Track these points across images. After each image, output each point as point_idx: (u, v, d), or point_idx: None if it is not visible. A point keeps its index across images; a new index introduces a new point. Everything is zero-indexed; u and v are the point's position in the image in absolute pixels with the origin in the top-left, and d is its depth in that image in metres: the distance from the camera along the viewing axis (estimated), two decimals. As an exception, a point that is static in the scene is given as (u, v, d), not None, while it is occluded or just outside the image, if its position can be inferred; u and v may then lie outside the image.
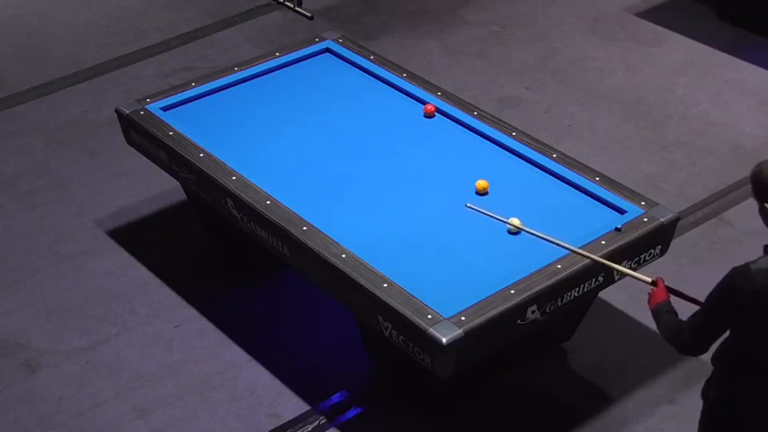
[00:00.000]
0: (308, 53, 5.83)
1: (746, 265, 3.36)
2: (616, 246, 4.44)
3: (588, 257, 4.11)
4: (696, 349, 3.52)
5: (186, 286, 5.51)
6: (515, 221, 4.54)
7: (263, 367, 5.04)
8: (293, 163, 5.05)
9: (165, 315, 5.35)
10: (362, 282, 4.28)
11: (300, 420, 4.78)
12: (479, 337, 4.09)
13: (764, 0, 7.46)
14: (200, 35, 7.70)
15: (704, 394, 3.71)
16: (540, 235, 4.23)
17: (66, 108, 6.95)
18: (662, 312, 3.65)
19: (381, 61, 5.75)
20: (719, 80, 7.12)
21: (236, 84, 5.61)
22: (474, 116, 5.29)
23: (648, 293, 3.79)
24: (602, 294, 5.01)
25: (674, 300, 3.74)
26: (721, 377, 3.60)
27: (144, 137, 5.30)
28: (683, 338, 3.51)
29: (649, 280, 3.82)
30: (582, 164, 5.00)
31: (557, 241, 4.21)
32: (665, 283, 3.78)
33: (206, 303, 5.40)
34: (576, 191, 4.84)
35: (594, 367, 5.02)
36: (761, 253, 3.42)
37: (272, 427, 4.76)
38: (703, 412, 3.75)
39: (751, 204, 6.02)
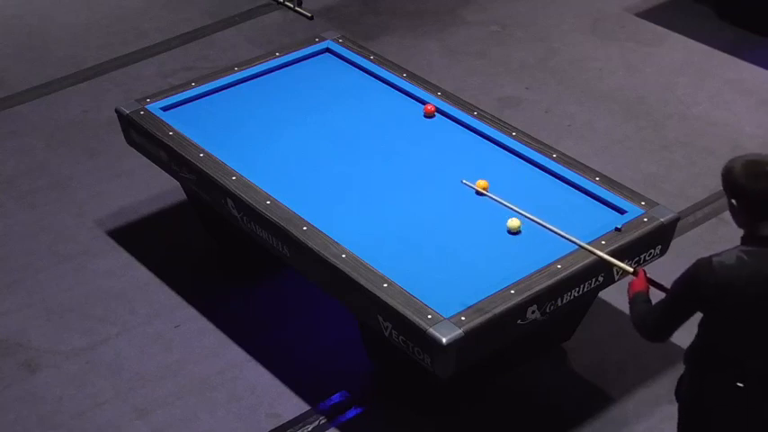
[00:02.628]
0: (308, 53, 5.83)
1: (709, 258, 3.39)
2: (616, 246, 4.44)
3: (591, 251, 4.13)
4: (657, 336, 3.57)
5: (186, 286, 5.51)
6: (515, 222, 4.55)
7: (263, 367, 5.04)
8: (293, 163, 5.05)
9: (165, 315, 5.35)
10: (362, 282, 4.28)
11: (300, 420, 4.78)
12: (479, 337, 4.09)
13: (764, 0, 7.46)
14: (200, 35, 7.70)
15: (676, 393, 3.77)
16: (546, 225, 4.21)
17: (66, 108, 6.95)
18: (637, 302, 3.69)
19: (381, 61, 5.75)
20: (719, 80, 7.12)
21: (236, 84, 5.61)
22: (474, 116, 5.29)
23: (629, 283, 3.82)
24: (602, 294, 5.01)
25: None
26: (691, 375, 3.65)
27: (144, 137, 5.30)
28: (647, 325, 3.56)
29: (631, 270, 3.86)
30: (582, 164, 5.00)
31: (560, 232, 4.21)
32: (648, 275, 3.81)
33: (206, 303, 5.40)
34: (576, 191, 4.84)
35: (594, 367, 5.02)
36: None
37: (272, 427, 4.76)
38: (678, 411, 3.80)
39: (751, 204, 6.00)
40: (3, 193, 6.21)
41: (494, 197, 4.30)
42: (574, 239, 4.15)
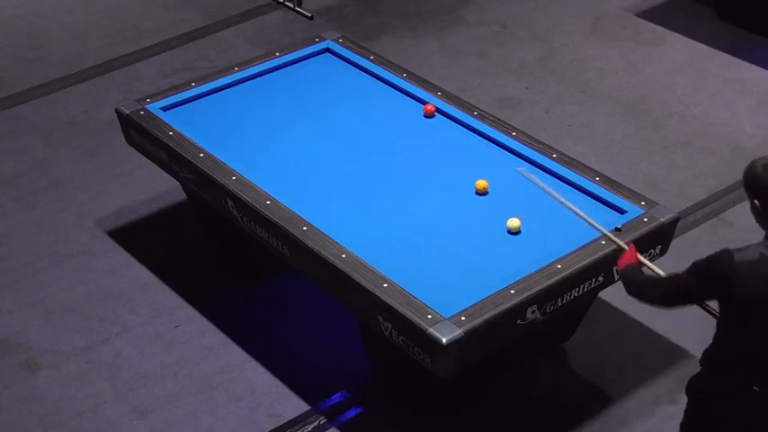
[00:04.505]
0: (308, 53, 5.83)
1: (731, 252, 3.40)
2: (617, 246, 4.44)
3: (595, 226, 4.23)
4: (663, 305, 3.65)
5: (186, 286, 5.51)
6: (515, 222, 4.56)
7: (263, 367, 5.04)
8: (293, 163, 5.05)
9: (165, 315, 5.35)
10: (362, 282, 4.28)
11: (300, 420, 4.78)
12: (479, 337, 4.09)
13: (764, 0, 7.46)
14: (200, 35, 7.70)
15: (688, 390, 3.79)
16: (576, 210, 4.29)
17: (66, 108, 6.95)
18: (634, 271, 3.79)
19: (381, 61, 5.75)
20: (719, 80, 7.12)
21: (236, 84, 5.61)
22: (474, 116, 5.29)
23: (621, 254, 3.99)
24: (602, 294, 5.01)
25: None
26: (705, 376, 3.67)
27: (144, 137, 5.30)
28: (655, 294, 3.62)
29: (627, 247, 4.02)
30: (582, 164, 5.00)
31: (586, 217, 4.27)
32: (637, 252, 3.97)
33: (206, 303, 5.40)
34: (576, 191, 4.84)
35: (594, 367, 5.02)
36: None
37: (272, 427, 4.76)
38: (687, 407, 3.84)
39: (751, 204, 5.98)
40: (3, 193, 6.21)
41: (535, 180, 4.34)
42: (595, 226, 4.25)
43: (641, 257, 3.97)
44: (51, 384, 4.99)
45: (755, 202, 3.43)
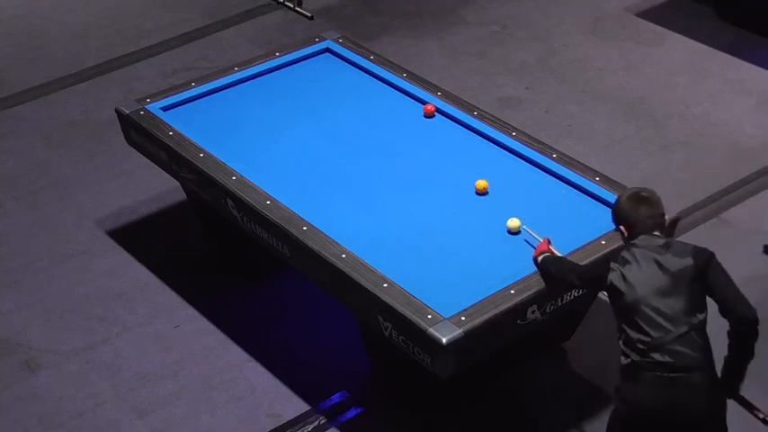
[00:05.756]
0: (308, 53, 5.83)
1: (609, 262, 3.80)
2: (616, 246, 4.43)
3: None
4: (577, 285, 4.23)
5: (186, 286, 5.51)
6: (515, 222, 4.56)
7: (263, 367, 5.04)
8: (293, 163, 5.05)
9: (165, 315, 5.35)
10: (362, 282, 4.28)
11: (300, 420, 4.78)
12: (479, 337, 4.09)
13: (764, 0, 7.46)
14: (200, 35, 7.70)
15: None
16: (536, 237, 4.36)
17: (66, 108, 6.95)
18: (558, 259, 4.22)
19: (381, 61, 5.75)
20: (719, 80, 7.12)
21: (236, 84, 5.61)
22: (474, 116, 5.29)
23: (536, 249, 4.29)
24: (602, 294, 5.01)
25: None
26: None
27: (144, 137, 5.30)
28: (575, 276, 4.09)
29: (542, 240, 4.33)
30: (582, 164, 5.00)
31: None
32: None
33: (206, 303, 5.40)
34: (576, 191, 4.84)
35: (594, 367, 5.02)
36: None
37: (272, 427, 4.76)
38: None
39: (751, 204, 6.03)
40: (3, 193, 6.21)
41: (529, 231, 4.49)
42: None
43: (553, 249, 4.30)
44: (51, 384, 4.99)
45: (620, 228, 3.87)
